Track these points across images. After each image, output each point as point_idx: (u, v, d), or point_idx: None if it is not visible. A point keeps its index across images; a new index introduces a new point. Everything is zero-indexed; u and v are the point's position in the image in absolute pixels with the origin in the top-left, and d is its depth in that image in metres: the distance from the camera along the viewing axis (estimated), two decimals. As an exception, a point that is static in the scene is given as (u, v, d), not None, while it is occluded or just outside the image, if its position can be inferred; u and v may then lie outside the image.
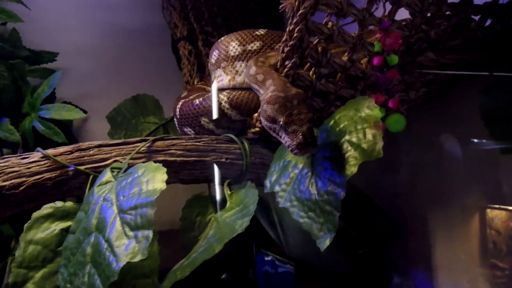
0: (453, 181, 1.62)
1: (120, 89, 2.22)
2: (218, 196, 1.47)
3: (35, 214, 1.17)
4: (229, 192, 1.38)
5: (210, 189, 1.59)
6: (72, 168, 1.27)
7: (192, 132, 1.58)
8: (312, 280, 1.68)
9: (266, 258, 1.77)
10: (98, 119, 2.15)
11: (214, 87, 1.54)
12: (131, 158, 1.31)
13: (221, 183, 1.43)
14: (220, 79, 1.56)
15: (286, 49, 1.24)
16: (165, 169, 1.06)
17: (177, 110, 1.62)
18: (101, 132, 2.13)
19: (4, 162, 1.25)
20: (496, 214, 1.48)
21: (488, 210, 1.51)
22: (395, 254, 1.81)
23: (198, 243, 1.25)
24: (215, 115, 1.48)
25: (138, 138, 1.39)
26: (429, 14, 1.33)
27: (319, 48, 1.26)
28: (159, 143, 1.38)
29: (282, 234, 1.59)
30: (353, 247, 1.73)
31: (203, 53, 2.20)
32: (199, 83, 1.93)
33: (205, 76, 2.12)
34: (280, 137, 1.11)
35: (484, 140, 1.52)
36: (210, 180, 1.48)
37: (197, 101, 1.53)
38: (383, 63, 1.27)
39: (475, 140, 1.55)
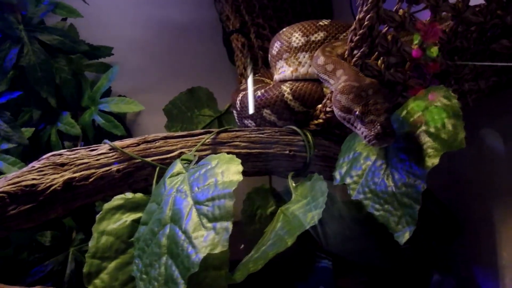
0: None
1: (172, 83, 2.22)
2: (281, 189, 1.46)
3: (106, 206, 1.18)
4: (293, 184, 1.36)
5: (271, 181, 1.58)
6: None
7: (253, 124, 1.56)
8: (350, 276, 1.65)
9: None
10: (150, 112, 2.16)
11: (276, 79, 1.52)
12: (197, 150, 1.31)
13: (285, 176, 1.42)
14: (281, 71, 1.54)
15: (355, 38, 1.21)
16: (239, 160, 1.05)
17: (238, 102, 1.61)
18: (153, 126, 2.14)
19: (74, 154, 1.27)
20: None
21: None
22: (446, 249, 1.76)
23: (265, 236, 1.23)
24: (277, 107, 1.47)
25: (202, 130, 1.39)
26: (505, -1, 1.28)
27: (389, 37, 1.22)
28: (223, 135, 1.38)
29: (320, 229, 1.56)
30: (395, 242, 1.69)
31: (255, 45, 2.18)
32: (256, 75, 1.91)
33: (258, 69, 2.11)
34: (356, 127, 1.09)
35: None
36: (273, 172, 1.47)
37: (258, 93, 1.52)
38: (423, 55, 1.23)
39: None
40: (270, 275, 1.19)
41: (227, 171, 1.03)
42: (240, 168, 1.03)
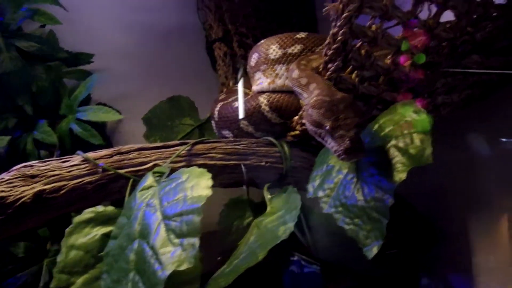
0: (493, 184, 1.57)
1: (154, 91, 2.20)
2: (257, 200, 1.46)
3: (76, 219, 1.17)
4: (269, 196, 1.36)
5: (248, 193, 1.57)
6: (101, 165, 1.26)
7: (231, 135, 1.57)
8: (339, 281, 1.65)
9: (291, 258, 1.75)
10: (132, 120, 2.14)
11: (254, 90, 1.53)
12: (171, 162, 1.31)
13: (261, 187, 1.42)
14: (259, 82, 1.54)
15: (329, 52, 1.21)
16: (210, 175, 1.05)
17: (216, 112, 1.61)
18: (135, 134, 2.12)
19: (46, 166, 1.26)
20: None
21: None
22: (424, 257, 1.77)
23: (239, 249, 1.23)
24: (255, 118, 1.47)
25: (178, 141, 1.38)
26: (474, 16, 1.29)
27: (362, 51, 1.23)
28: (199, 146, 1.37)
29: (309, 234, 1.57)
30: (382, 248, 1.70)
31: (238, 54, 2.18)
32: (236, 85, 1.91)
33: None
34: (326, 142, 1.09)
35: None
36: (249, 184, 1.47)
37: (236, 104, 1.52)
38: (410, 62, 1.25)
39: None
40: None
41: (197, 185, 1.03)
42: (210, 183, 1.03)
